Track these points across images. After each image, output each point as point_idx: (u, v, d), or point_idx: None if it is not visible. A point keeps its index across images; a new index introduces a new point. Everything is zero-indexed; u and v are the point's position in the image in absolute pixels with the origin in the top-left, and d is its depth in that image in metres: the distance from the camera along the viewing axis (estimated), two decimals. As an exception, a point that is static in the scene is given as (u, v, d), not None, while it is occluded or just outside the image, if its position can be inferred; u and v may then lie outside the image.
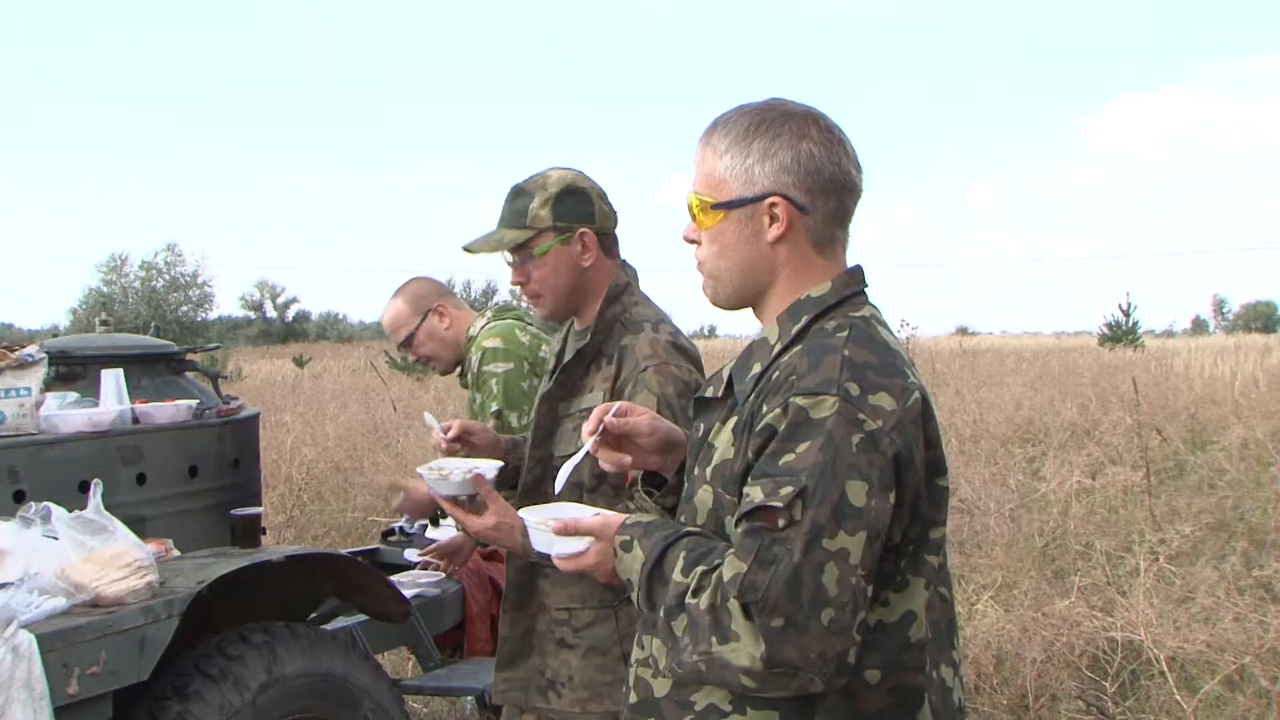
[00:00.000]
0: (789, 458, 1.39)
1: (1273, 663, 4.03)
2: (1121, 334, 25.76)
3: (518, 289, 2.41)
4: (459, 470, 2.13)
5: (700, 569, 1.43)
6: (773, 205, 1.57)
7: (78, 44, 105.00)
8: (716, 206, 1.59)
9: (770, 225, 1.57)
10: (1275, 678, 3.91)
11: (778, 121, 1.58)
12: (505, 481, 2.30)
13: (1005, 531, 6.08)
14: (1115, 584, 5.06)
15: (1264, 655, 4.05)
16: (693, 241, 1.65)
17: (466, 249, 2.40)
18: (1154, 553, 5.19)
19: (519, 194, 2.33)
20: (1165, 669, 4.05)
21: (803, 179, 1.57)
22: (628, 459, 1.77)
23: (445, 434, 2.34)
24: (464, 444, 2.36)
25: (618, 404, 1.76)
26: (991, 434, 9.82)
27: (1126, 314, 26.34)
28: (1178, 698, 3.89)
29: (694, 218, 1.64)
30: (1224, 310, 74.59)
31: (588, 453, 1.74)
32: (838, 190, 1.59)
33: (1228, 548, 5.76)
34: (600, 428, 1.73)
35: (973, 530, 6.23)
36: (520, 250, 2.32)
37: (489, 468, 2.16)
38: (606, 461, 1.77)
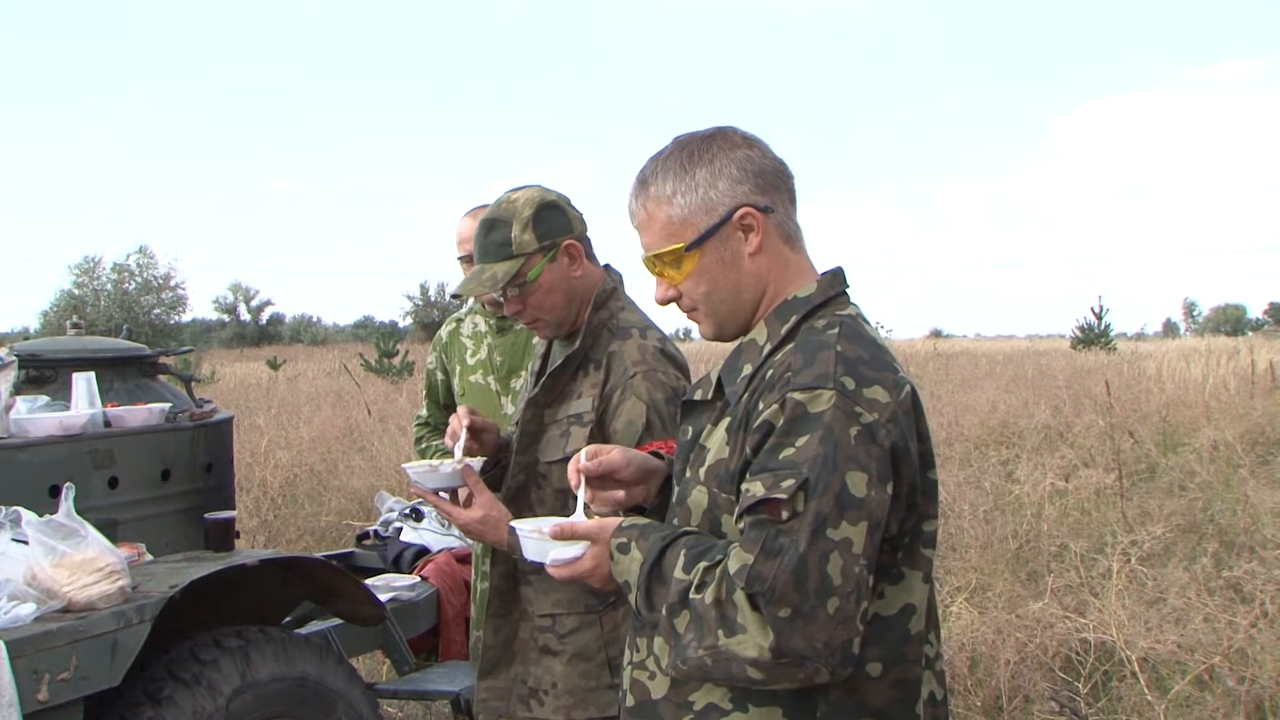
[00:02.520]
0: (789, 451, 1.40)
1: (1241, 663, 4.07)
2: (1094, 337, 26.01)
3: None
4: (448, 463, 2.13)
5: (703, 565, 1.44)
6: (743, 218, 1.59)
7: (47, 44, 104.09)
8: (690, 248, 1.59)
9: (748, 238, 1.59)
10: (1243, 678, 3.95)
11: (702, 146, 1.61)
12: (491, 483, 2.29)
13: (980, 534, 6.12)
14: (1088, 585, 5.10)
15: (1233, 656, 4.10)
16: (670, 300, 1.65)
17: (457, 295, 2.36)
18: (1126, 554, 5.24)
19: (494, 225, 2.27)
20: (1137, 670, 4.09)
21: (755, 182, 1.60)
22: (620, 494, 1.77)
23: (458, 425, 2.26)
24: (474, 438, 2.28)
25: (586, 448, 1.76)
26: (966, 437, 9.89)
27: (1099, 317, 26.60)
28: (1148, 698, 3.93)
29: (662, 275, 1.64)
30: (1194, 313, 75.42)
31: (585, 504, 1.73)
32: (784, 180, 1.63)
33: (1198, 549, 5.82)
34: (581, 479, 1.72)
35: (947, 533, 6.26)
36: (512, 280, 2.26)
37: (475, 462, 2.16)
38: (602, 504, 1.76)
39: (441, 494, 2.16)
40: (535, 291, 2.27)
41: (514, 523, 1.77)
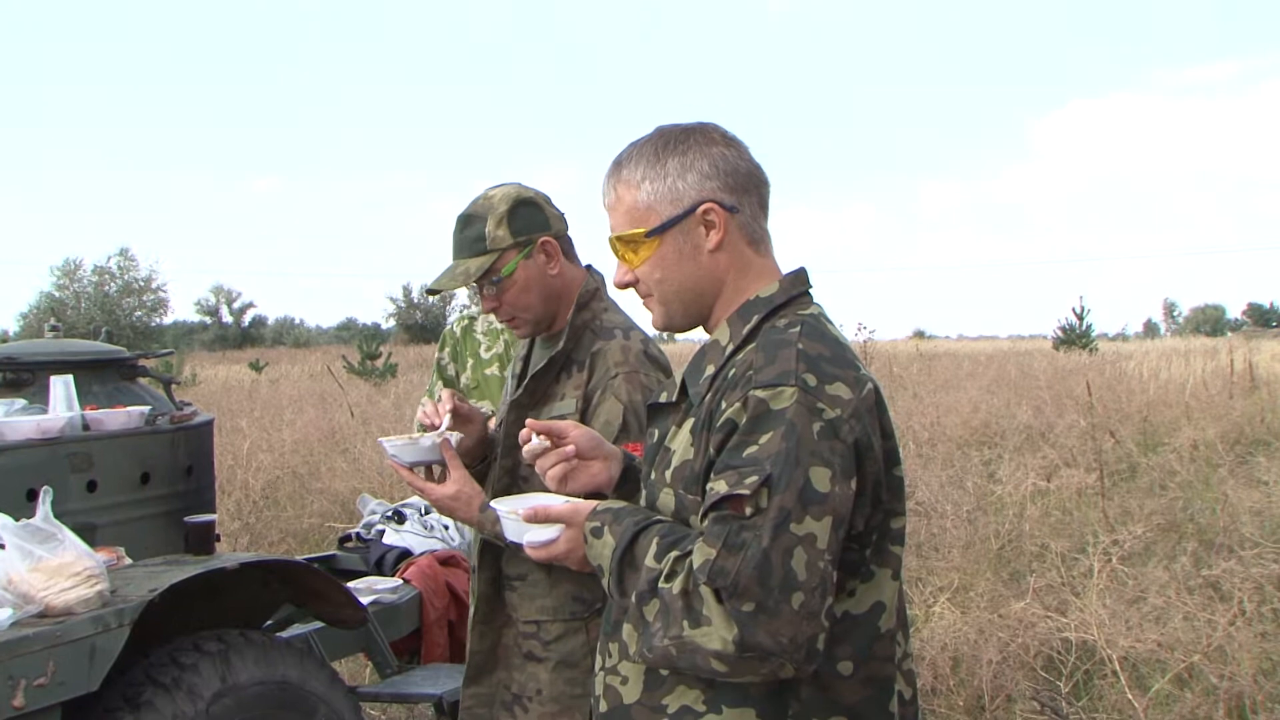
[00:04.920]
0: (752, 449, 1.40)
1: (1221, 660, 4.10)
2: (1075, 337, 26.12)
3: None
4: (427, 437, 2.13)
5: (674, 554, 1.44)
6: (706, 213, 1.59)
7: (26, 45, 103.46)
8: (651, 234, 1.60)
9: (708, 234, 1.60)
10: (1223, 675, 3.98)
11: (680, 137, 1.62)
12: (476, 477, 2.30)
13: (962, 534, 6.14)
14: (1070, 585, 5.13)
15: (1212, 653, 4.13)
16: (627, 284, 1.66)
17: (431, 290, 2.36)
18: (1107, 554, 5.27)
19: (469, 221, 2.28)
20: (1117, 668, 4.11)
21: (725, 181, 1.60)
22: (595, 469, 1.79)
23: (441, 410, 2.25)
24: (457, 425, 2.28)
25: (529, 425, 1.78)
26: (949, 437, 9.92)
27: (1080, 317, 26.72)
28: (1129, 697, 3.94)
29: (623, 258, 1.65)
30: (1174, 314, 75.94)
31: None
32: (756, 185, 1.64)
33: (1178, 548, 5.86)
34: (534, 444, 1.75)
35: (930, 533, 6.29)
36: (485, 276, 2.26)
37: (454, 437, 2.17)
38: (574, 487, 1.77)
39: (417, 470, 2.16)
40: (510, 288, 2.27)
41: (494, 501, 1.78)
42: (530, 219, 2.28)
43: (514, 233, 2.25)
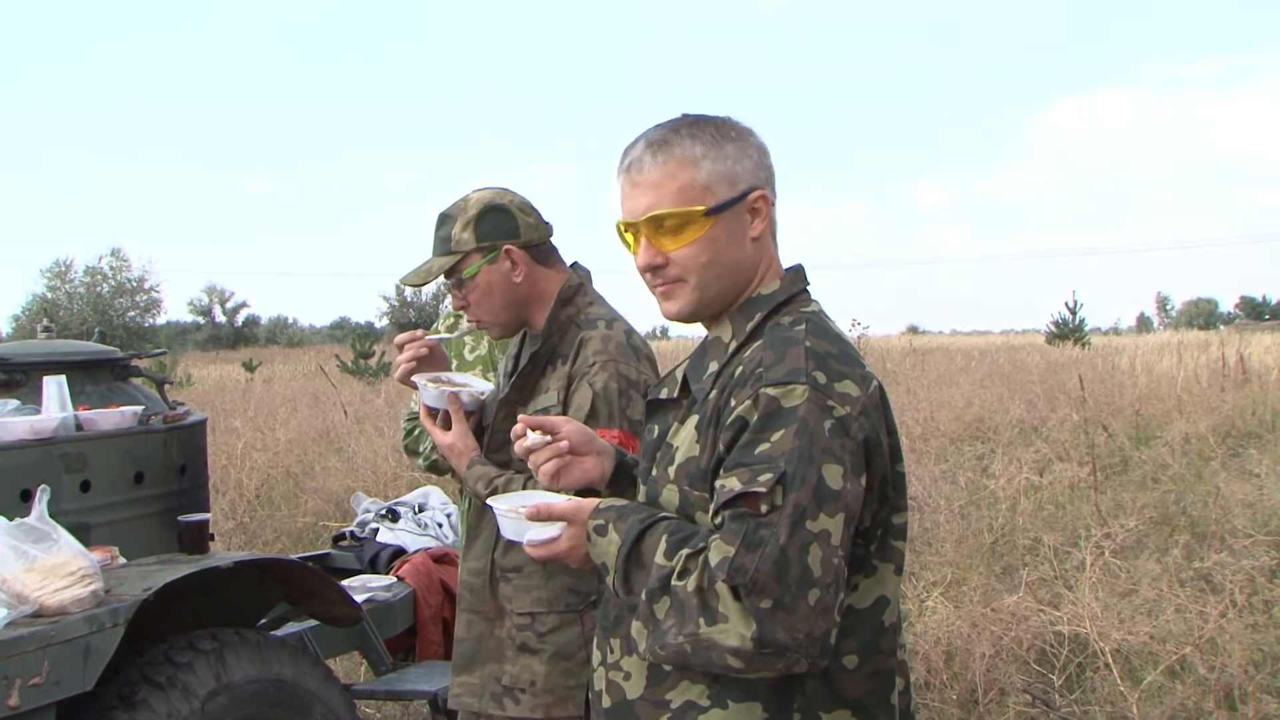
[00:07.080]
0: (764, 446, 1.41)
1: (1212, 652, 4.12)
2: (1068, 332, 26.10)
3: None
4: (434, 389, 2.32)
5: (685, 552, 1.44)
6: (755, 200, 1.60)
7: (15, 45, 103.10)
8: (710, 212, 1.57)
9: (753, 221, 1.60)
10: (1214, 667, 4.00)
11: (724, 123, 1.63)
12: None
13: (955, 528, 6.15)
14: (1062, 578, 5.15)
15: (1203, 645, 4.14)
16: (655, 266, 1.60)
17: (402, 284, 2.43)
18: (1099, 547, 5.28)
19: (444, 220, 2.34)
20: (1110, 661, 4.13)
21: (767, 173, 1.62)
22: (588, 464, 1.77)
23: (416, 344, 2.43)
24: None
25: (521, 420, 1.76)
26: (942, 432, 9.94)
27: (1073, 312, 26.69)
28: (1121, 689, 3.96)
29: (652, 239, 1.59)
30: (1167, 308, 75.89)
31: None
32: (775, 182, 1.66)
33: (1170, 541, 5.88)
34: (531, 439, 1.73)
35: (923, 527, 6.30)
36: (451, 275, 2.33)
37: (470, 392, 2.34)
38: (568, 483, 1.76)
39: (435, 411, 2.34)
40: (472, 290, 2.33)
41: (491, 500, 1.79)
42: (496, 225, 2.31)
43: (478, 237, 2.30)
